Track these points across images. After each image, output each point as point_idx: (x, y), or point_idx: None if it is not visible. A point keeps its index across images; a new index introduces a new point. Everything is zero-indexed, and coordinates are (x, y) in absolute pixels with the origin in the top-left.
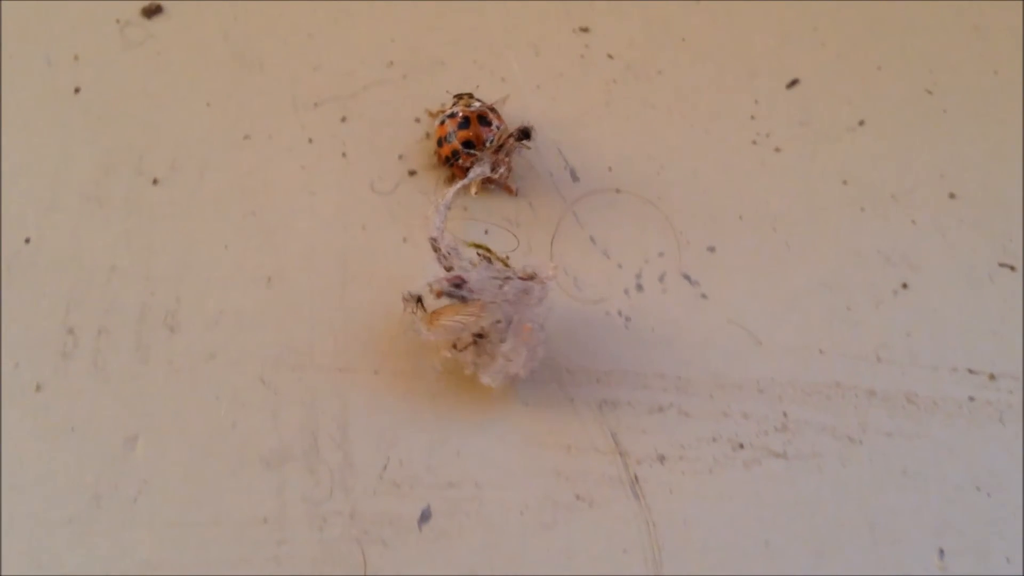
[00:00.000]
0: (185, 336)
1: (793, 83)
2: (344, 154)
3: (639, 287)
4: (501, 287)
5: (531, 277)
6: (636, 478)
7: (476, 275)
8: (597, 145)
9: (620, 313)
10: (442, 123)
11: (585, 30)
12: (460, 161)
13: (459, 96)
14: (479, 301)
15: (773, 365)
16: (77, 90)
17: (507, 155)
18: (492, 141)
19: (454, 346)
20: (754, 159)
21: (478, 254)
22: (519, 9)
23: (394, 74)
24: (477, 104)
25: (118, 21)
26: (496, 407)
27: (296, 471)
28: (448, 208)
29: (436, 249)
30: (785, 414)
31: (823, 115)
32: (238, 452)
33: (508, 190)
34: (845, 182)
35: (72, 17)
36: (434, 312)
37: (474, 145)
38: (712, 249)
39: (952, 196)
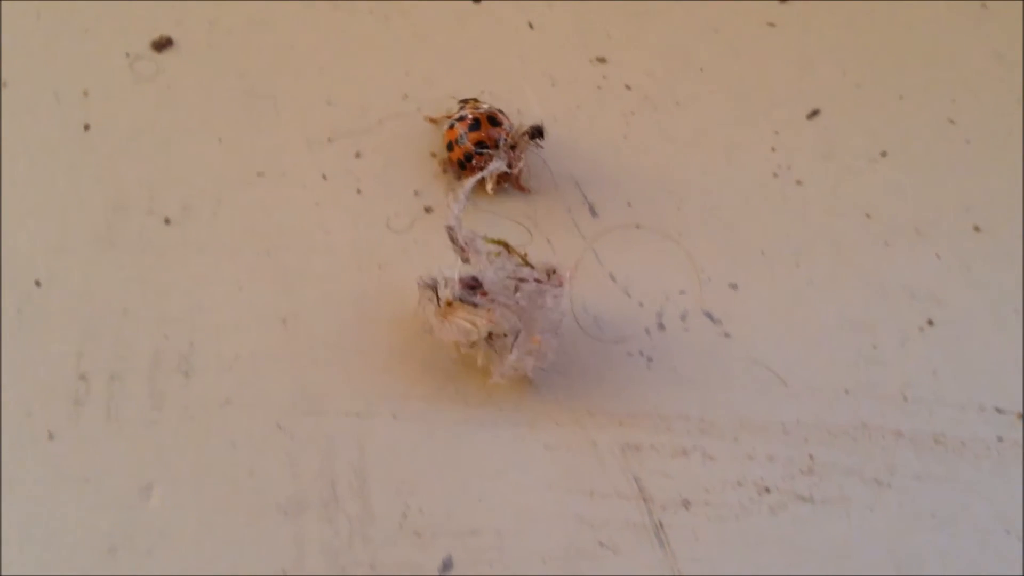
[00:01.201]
0: (199, 381)
1: (814, 113)
2: (359, 190)
3: (661, 326)
4: (515, 290)
5: (551, 272)
6: (661, 524)
7: (492, 273)
8: (616, 179)
9: (642, 353)
10: (451, 127)
11: (602, 60)
12: (474, 162)
13: (464, 101)
14: (490, 310)
15: (798, 406)
16: (87, 127)
17: (520, 154)
18: (504, 141)
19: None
20: (775, 192)
21: (495, 244)
22: (535, 39)
23: (409, 107)
24: (484, 107)
25: (128, 55)
26: (518, 452)
27: (314, 520)
28: (467, 198)
29: (453, 240)
30: (811, 456)
31: (845, 146)
32: (255, 501)
33: (522, 189)
34: (868, 215)
35: (81, 51)
36: (448, 304)
37: (487, 146)
38: (734, 286)
39: (977, 229)
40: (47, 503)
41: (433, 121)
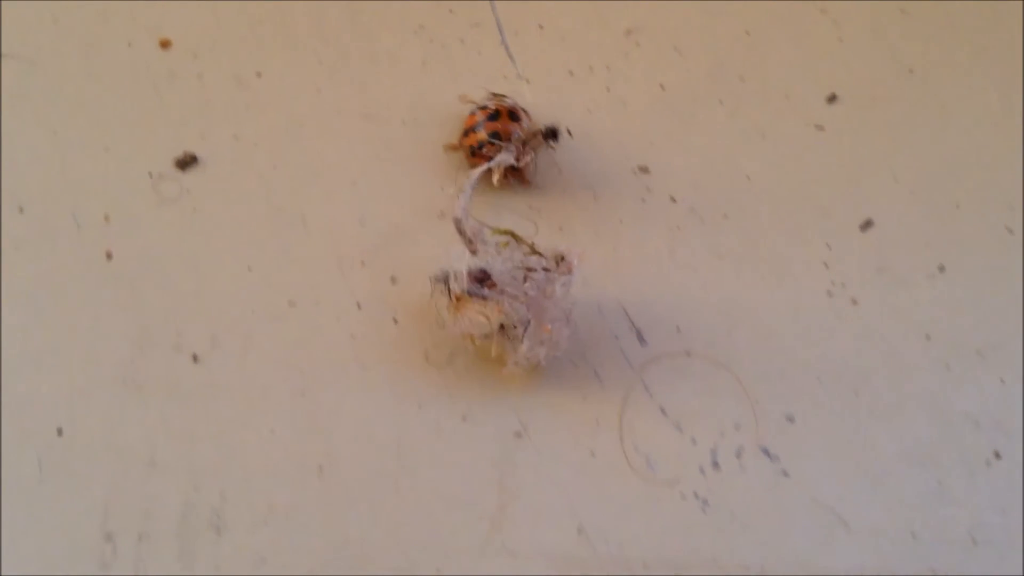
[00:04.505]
0: (232, 538)
1: (867, 225)
2: (395, 319)
3: (715, 464)
4: (524, 280)
5: (560, 259)
6: None
7: (500, 265)
8: (663, 301)
9: (696, 495)
10: (472, 113)
11: (644, 170)
12: (484, 151)
13: (495, 95)
14: (499, 302)
15: (862, 552)
16: (109, 255)
17: (530, 151)
18: (517, 135)
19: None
20: (830, 313)
21: (502, 234)
22: (574, 148)
23: (446, 224)
24: (509, 101)
25: (151, 175)
26: None
27: None
28: (472, 189)
29: (461, 232)
30: None
31: (901, 260)
32: None
33: (525, 182)
34: (928, 337)
35: (101, 172)
36: (459, 297)
37: (501, 138)
38: (791, 419)
39: None
40: None
41: (470, 102)
